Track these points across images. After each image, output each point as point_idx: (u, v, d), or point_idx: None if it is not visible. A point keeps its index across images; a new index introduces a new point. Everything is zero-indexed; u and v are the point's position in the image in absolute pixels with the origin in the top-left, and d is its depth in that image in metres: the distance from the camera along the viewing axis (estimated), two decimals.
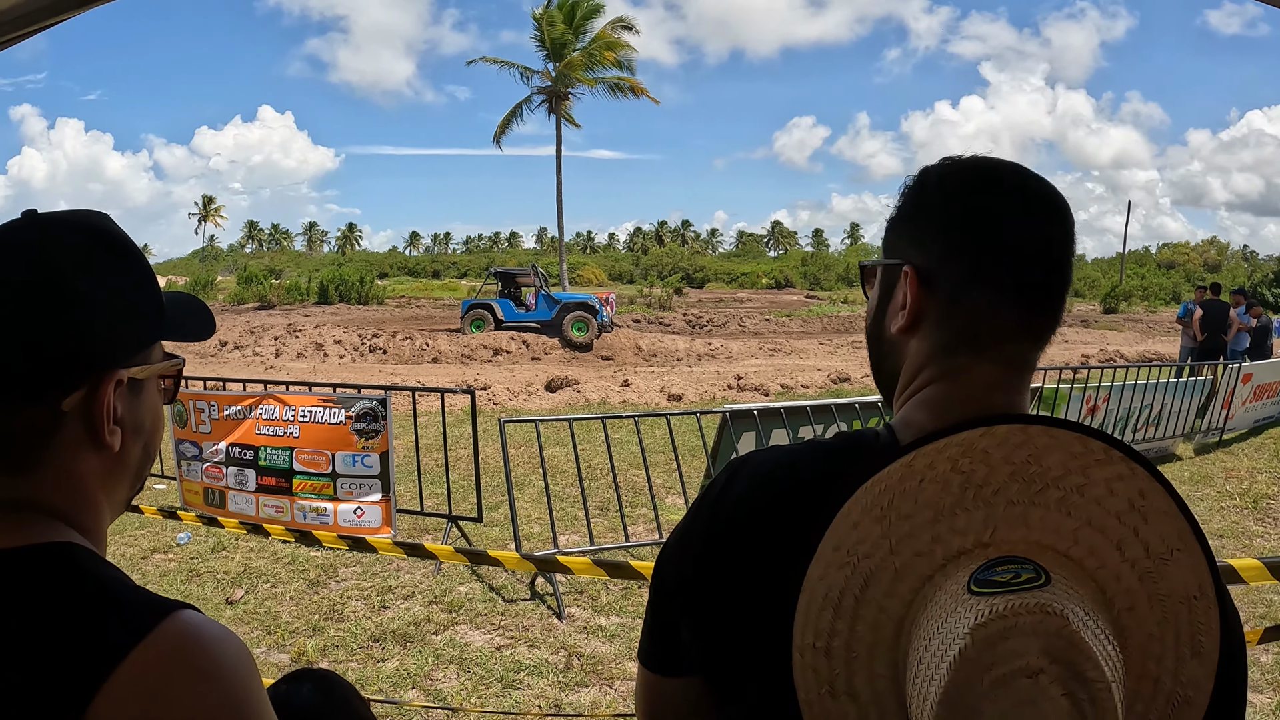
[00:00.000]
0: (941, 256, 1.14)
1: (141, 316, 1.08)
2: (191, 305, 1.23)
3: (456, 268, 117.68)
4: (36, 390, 0.99)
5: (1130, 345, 31.36)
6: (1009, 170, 1.18)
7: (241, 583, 6.98)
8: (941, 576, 0.93)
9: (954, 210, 1.15)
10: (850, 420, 8.19)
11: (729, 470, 1.21)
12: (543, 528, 7.94)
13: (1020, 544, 0.92)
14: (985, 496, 0.94)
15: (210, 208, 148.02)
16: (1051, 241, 1.14)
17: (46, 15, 2.11)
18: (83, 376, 1.01)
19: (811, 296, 74.05)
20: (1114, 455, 0.93)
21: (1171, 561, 0.91)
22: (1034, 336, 1.14)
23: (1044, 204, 1.15)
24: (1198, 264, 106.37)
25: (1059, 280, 1.14)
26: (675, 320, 39.27)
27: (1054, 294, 1.14)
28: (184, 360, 1.18)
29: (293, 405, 7.74)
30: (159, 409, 1.14)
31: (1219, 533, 8.67)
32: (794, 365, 23.27)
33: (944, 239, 1.15)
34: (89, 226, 1.07)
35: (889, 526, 0.96)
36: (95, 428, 1.02)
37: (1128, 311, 57.82)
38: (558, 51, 49.30)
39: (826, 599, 0.97)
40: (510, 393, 16.29)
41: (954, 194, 1.17)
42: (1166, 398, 11.78)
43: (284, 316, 41.98)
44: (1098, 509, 0.92)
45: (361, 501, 7.56)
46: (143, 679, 0.88)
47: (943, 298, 1.14)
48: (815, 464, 1.15)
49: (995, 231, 1.13)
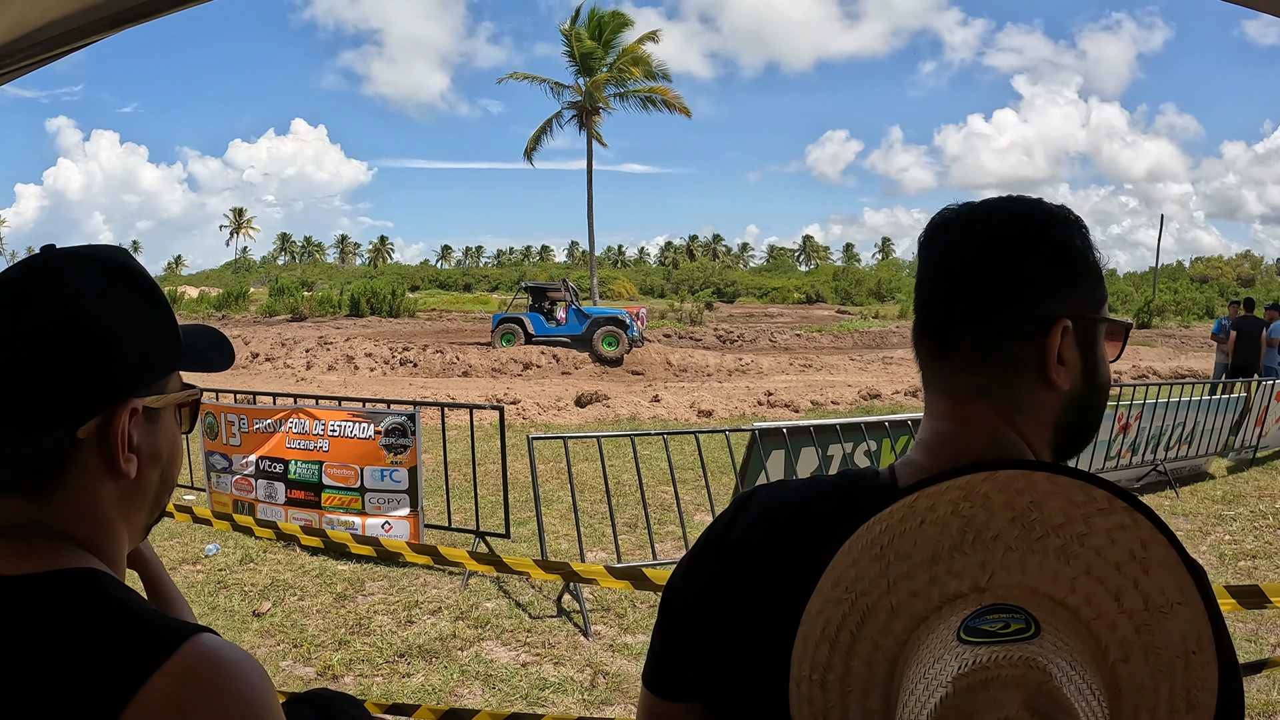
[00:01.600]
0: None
1: (157, 347, 1.11)
2: (210, 337, 1.26)
3: (488, 281, 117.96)
4: (53, 417, 1.01)
5: (1163, 361, 31.01)
6: (956, 208, 1.21)
7: (269, 595, 7.03)
8: (936, 619, 0.94)
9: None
10: (880, 439, 8.15)
11: (737, 503, 1.27)
12: (570, 544, 7.96)
13: (1016, 590, 0.92)
14: (984, 541, 0.94)
15: (242, 220, 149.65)
16: (952, 263, 1.17)
17: (78, 37, 2.16)
18: (99, 405, 1.03)
19: (842, 311, 73.76)
20: (1117, 505, 0.93)
21: (1171, 614, 0.91)
22: (956, 363, 1.16)
23: (962, 230, 1.18)
24: (1231, 278, 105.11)
25: (954, 297, 1.16)
26: (706, 335, 39.23)
27: (952, 316, 1.16)
28: (201, 391, 1.20)
29: (322, 420, 7.81)
30: (177, 438, 1.16)
31: (1251, 553, 8.55)
32: (824, 381, 23.19)
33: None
34: (106, 261, 1.09)
35: (887, 565, 0.97)
36: (111, 455, 1.04)
37: (1161, 327, 57.28)
38: (587, 66, 49.48)
39: (824, 633, 0.98)
40: (540, 407, 16.33)
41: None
42: (1199, 415, 11.64)
43: (315, 329, 42.29)
44: (1097, 558, 0.92)
45: (389, 516, 7.61)
46: (164, 703, 0.90)
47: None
48: (819, 500, 1.19)
49: (919, 271, 1.21)
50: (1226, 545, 8.76)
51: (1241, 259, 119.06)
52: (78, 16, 2.09)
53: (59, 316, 1.02)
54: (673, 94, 50.44)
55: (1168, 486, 10.91)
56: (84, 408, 1.02)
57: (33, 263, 1.07)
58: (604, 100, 49.93)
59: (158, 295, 1.13)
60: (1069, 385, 1.13)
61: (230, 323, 49.43)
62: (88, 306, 1.04)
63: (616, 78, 49.53)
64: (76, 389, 1.02)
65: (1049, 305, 1.12)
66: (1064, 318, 1.12)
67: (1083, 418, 1.18)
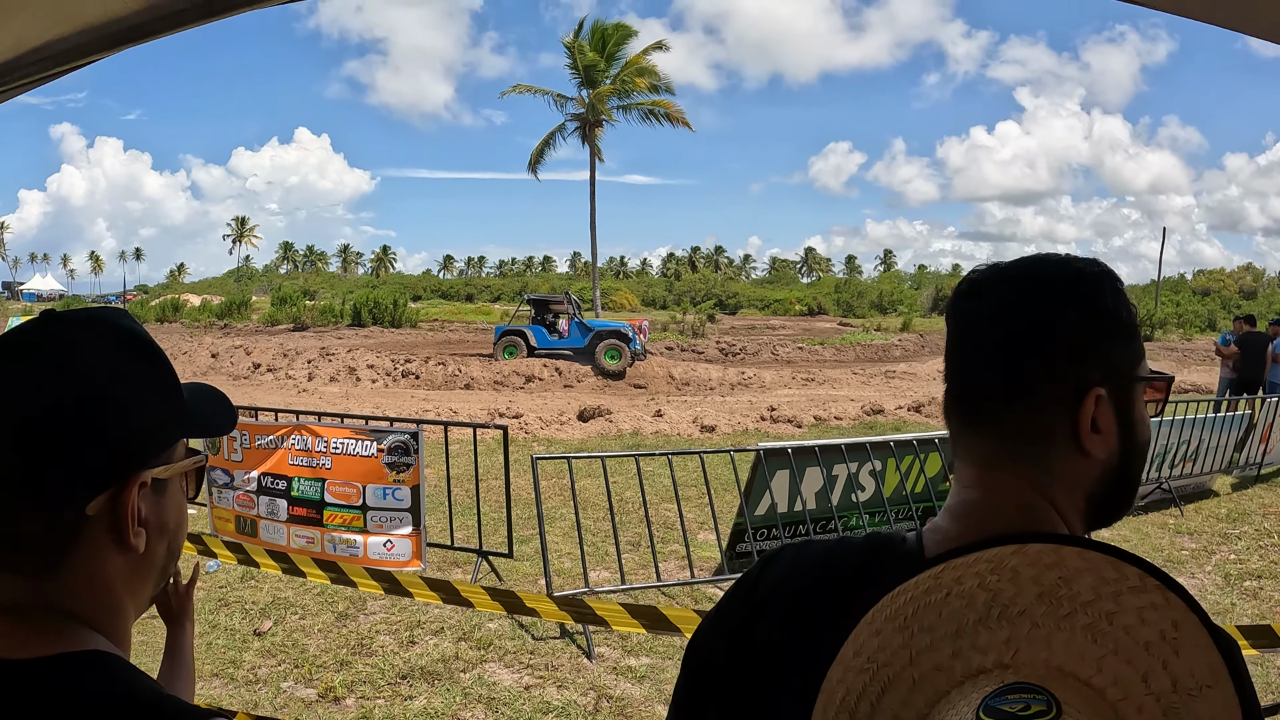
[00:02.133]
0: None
1: (165, 416, 1.09)
2: (212, 398, 1.24)
3: (490, 291, 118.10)
4: (62, 494, 0.99)
5: None
6: (982, 270, 1.19)
7: (270, 613, 7.00)
8: (957, 694, 0.92)
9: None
10: (885, 458, 8.14)
11: (764, 561, 1.27)
12: (574, 563, 7.92)
13: (1041, 668, 0.90)
14: (1010, 616, 0.92)
15: (244, 228, 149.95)
16: (979, 330, 1.16)
17: (77, 56, 2.15)
18: (108, 480, 1.01)
19: (844, 324, 73.72)
20: (1149, 583, 0.91)
21: (1200, 698, 0.89)
22: (985, 433, 1.15)
23: (988, 295, 1.16)
24: (1233, 290, 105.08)
25: (982, 367, 1.15)
26: (708, 348, 39.16)
27: (980, 387, 1.15)
28: (206, 456, 1.18)
29: (324, 437, 7.79)
30: (183, 506, 1.14)
31: (1257, 573, 8.52)
32: (827, 395, 23.16)
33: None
34: (109, 327, 1.07)
35: (910, 637, 0.95)
36: (120, 530, 1.02)
37: (1163, 340, 57.25)
38: (590, 79, 49.55)
39: (844, 702, 0.96)
40: (542, 421, 16.30)
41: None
42: (1204, 433, 11.61)
43: (317, 339, 42.29)
44: (1126, 638, 0.90)
45: (392, 534, 7.58)
46: None
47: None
48: (845, 564, 1.17)
49: (948, 336, 1.20)
50: (1232, 565, 8.73)
51: (1244, 271, 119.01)
52: (78, 36, 2.09)
53: (65, 390, 0.99)
54: (675, 108, 50.49)
55: (1172, 504, 10.87)
56: (93, 484, 1.00)
57: (33, 332, 1.04)
58: (607, 113, 49.98)
59: (160, 359, 1.10)
60: (1104, 454, 1.10)
61: (232, 332, 49.36)
62: (94, 377, 1.01)
63: (620, 90, 49.57)
64: (86, 465, 0.99)
65: (1082, 373, 1.09)
66: (1098, 385, 1.09)
67: (1119, 484, 1.14)
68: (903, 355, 40.55)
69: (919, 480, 8.44)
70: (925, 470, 8.42)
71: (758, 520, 7.72)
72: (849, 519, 8.14)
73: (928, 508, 8.56)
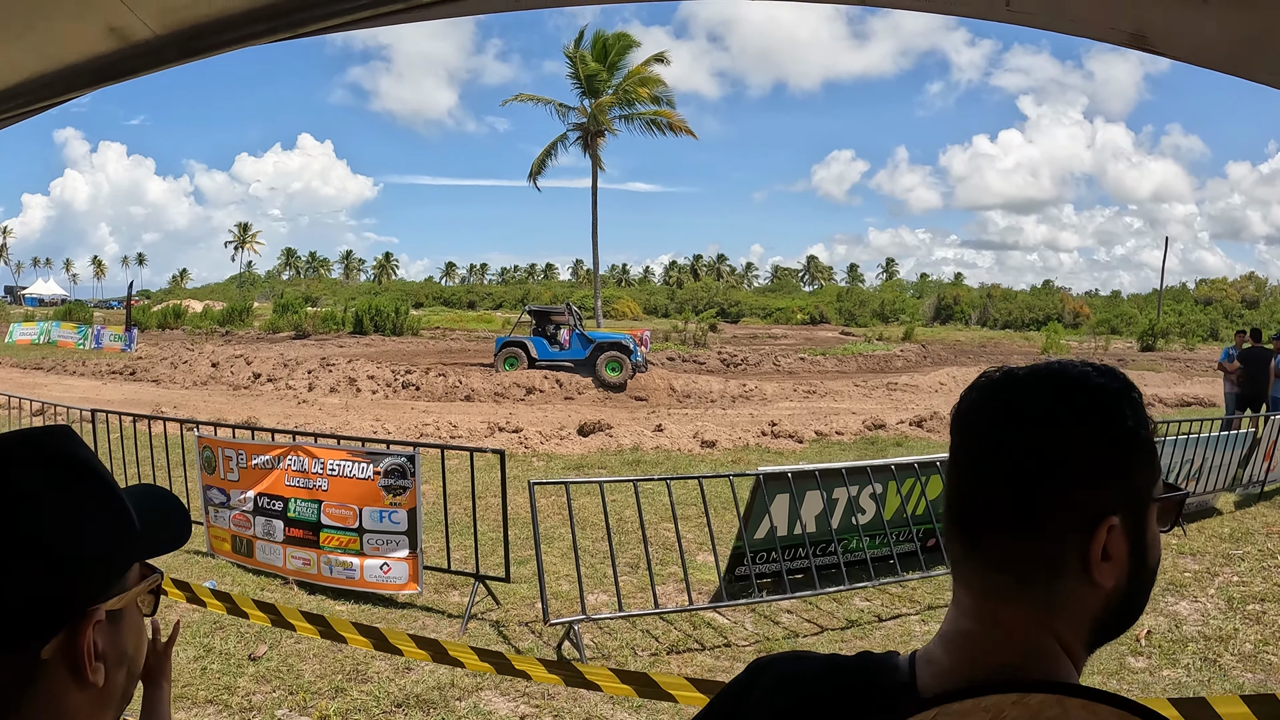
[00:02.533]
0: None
1: (114, 543, 1.03)
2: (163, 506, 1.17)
3: (491, 299, 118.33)
4: (13, 641, 0.94)
5: (1169, 387, 30.94)
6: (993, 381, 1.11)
7: (265, 638, 6.93)
8: None
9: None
10: (886, 481, 8.08)
11: (751, 672, 1.22)
12: (571, 585, 7.86)
13: None
14: None
15: (247, 235, 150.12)
16: (986, 450, 1.07)
17: (60, 91, 2.18)
18: (60, 622, 0.96)
19: (846, 333, 73.76)
20: None
21: None
22: (986, 561, 1.07)
23: (997, 410, 1.08)
24: (1235, 300, 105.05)
25: (987, 491, 1.06)
26: (710, 358, 39.09)
27: (984, 512, 1.06)
28: (162, 574, 1.12)
29: (321, 458, 7.73)
30: (140, 629, 1.08)
31: (1260, 595, 8.43)
32: (828, 408, 23.10)
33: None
34: (50, 454, 1.01)
35: None
36: (78, 669, 0.97)
37: (1165, 349, 57.26)
38: (592, 88, 49.54)
39: None
40: (542, 436, 16.23)
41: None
42: (1208, 452, 11.54)
43: (318, 347, 42.28)
44: None
45: (388, 557, 7.52)
46: None
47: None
48: (834, 690, 1.11)
49: (952, 450, 1.12)
50: (1235, 588, 8.64)
51: (1246, 280, 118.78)
52: (58, 74, 2.12)
53: (9, 531, 0.94)
54: (678, 117, 50.49)
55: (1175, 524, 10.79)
56: (46, 627, 0.95)
57: None
58: (608, 124, 49.97)
59: (105, 481, 1.04)
60: (1114, 581, 1.03)
61: (233, 339, 49.37)
62: (39, 514, 0.96)
63: (622, 99, 49.55)
64: (37, 609, 0.94)
65: (1096, 500, 1.02)
66: (1113, 513, 1.02)
67: (1126, 608, 1.07)
68: (905, 366, 40.50)
69: (920, 503, 8.38)
70: (926, 493, 8.37)
71: (756, 544, 7.66)
72: (849, 541, 8.08)
73: (928, 529, 8.51)
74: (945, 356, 46.93)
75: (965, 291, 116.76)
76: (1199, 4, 1.45)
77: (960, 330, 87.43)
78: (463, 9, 1.92)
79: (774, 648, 6.90)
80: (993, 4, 1.65)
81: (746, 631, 7.26)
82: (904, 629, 7.38)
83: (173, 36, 2.01)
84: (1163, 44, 1.64)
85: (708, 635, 7.15)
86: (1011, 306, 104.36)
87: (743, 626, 7.36)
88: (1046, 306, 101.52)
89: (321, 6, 1.96)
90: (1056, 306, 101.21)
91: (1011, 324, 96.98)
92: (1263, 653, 7.00)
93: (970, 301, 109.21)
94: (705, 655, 6.76)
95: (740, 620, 7.48)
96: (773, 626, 7.36)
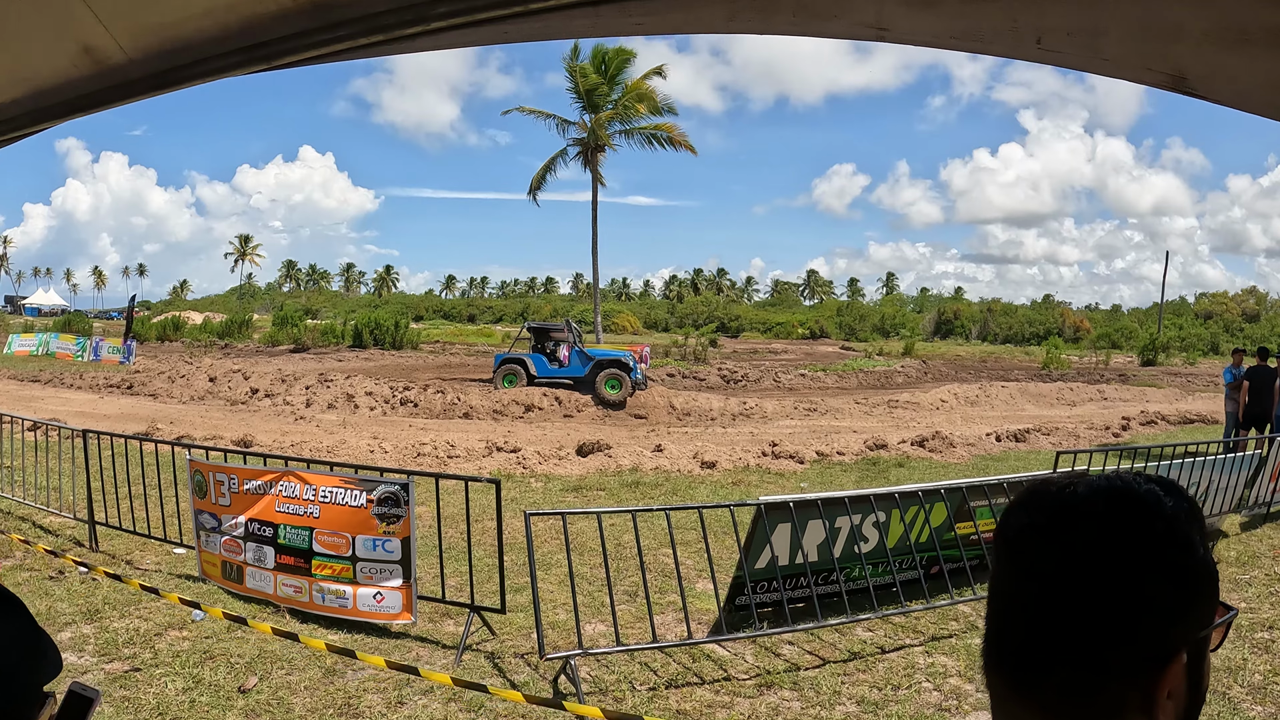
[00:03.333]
0: None
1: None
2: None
3: (492, 312, 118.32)
4: None
5: (1170, 404, 30.80)
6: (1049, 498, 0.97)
7: (255, 668, 6.77)
8: None
9: None
10: (889, 509, 7.94)
11: None
12: (567, 614, 7.69)
13: None
14: None
15: (247, 246, 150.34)
16: (1045, 581, 0.94)
17: (30, 122, 2.19)
18: None
19: (846, 348, 73.76)
20: None
21: None
22: (1038, 701, 0.94)
23: (1058, 535, 0.94)
24: (1236, 314, 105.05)
25: (1045, 626, 0.93)
26: (710, 375, 38.95)
27: (1040, 649, 0.93)
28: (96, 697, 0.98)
29: (313, 484, 7.58)
30: None
31: (1269, 623, 8.26)
32: (829, 427, 22.95)
33: None
34: None
35: None
36: None
37: (1166, 364, 57.20)
38: (592, 102, 49.54)
39: None
40: (540, 456, 16.07)
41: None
42: (1214, 474, 11.39)
43: (317, 361, 42.19)
44: None
45: (381, 586, 7.36)
46: None
47: None
48: None
49: (997, 575, 1.01)
50: (1242, 615, 8.47)
51: (1247, 294, 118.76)
52: (32, 99, 2.12)
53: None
54: (678, 131, 50.49)
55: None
56: None
57: None
58: (606, 139, 49.96)
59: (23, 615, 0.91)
60: (1172, 718, 0.91)
61: (232, 352, 49.27)
62: None
63: (622, 114, 49.55)
64: None
65: (1168, 638, 0.90)
66: (1181, 650, 0.90)
67: None
68: (905, 382, 40.40)
69: (924, 530, 8.23)
70: (930, 520, 8.22)
71: (757, 573, 7.51)
72: (851, 570, 7.93)
73: (931, 557, 8.36)
74: (946, 372, 46.86)
75: (965, 306, 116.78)
76: (1240, 45, 1.39)
77: (961, 345, 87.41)
78: (445, 41, 1.83)
79: (775, 681, 6.76)
80: (1023, 43, 1.57)
81: (747, 664, 7.10)
82: (908, 660, 7.22)
83: (146, 60, 1.96)
84: (1202, 87, 1.56)
85: (707, 668, 6.99)
86: (1011, 321, 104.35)
87: (743, 659, 7.20)
88: (1046, 321, 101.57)
89: (298, 38, 1.89)
90: (1056, 321, 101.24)
91: (1012, 338, 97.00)
92: (1272, 684, 6.84)
93: (970, 316, 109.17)
94: (705, 690, 6.61)
95: (740, 652, 7.32)
96: (774, 659, 7.20)
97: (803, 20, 1.65)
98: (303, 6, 1.80)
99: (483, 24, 1.77)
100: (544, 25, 1.78)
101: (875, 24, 1.64)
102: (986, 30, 1.58)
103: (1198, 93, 1.57)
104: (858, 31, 1.68)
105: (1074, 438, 20.88)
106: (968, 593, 8.37)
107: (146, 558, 9.53)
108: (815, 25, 1.68)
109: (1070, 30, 1.54)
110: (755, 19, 1.66)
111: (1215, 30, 1.42)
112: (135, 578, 8.48)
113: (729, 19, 1.67)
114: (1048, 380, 41.50)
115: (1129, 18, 1.47)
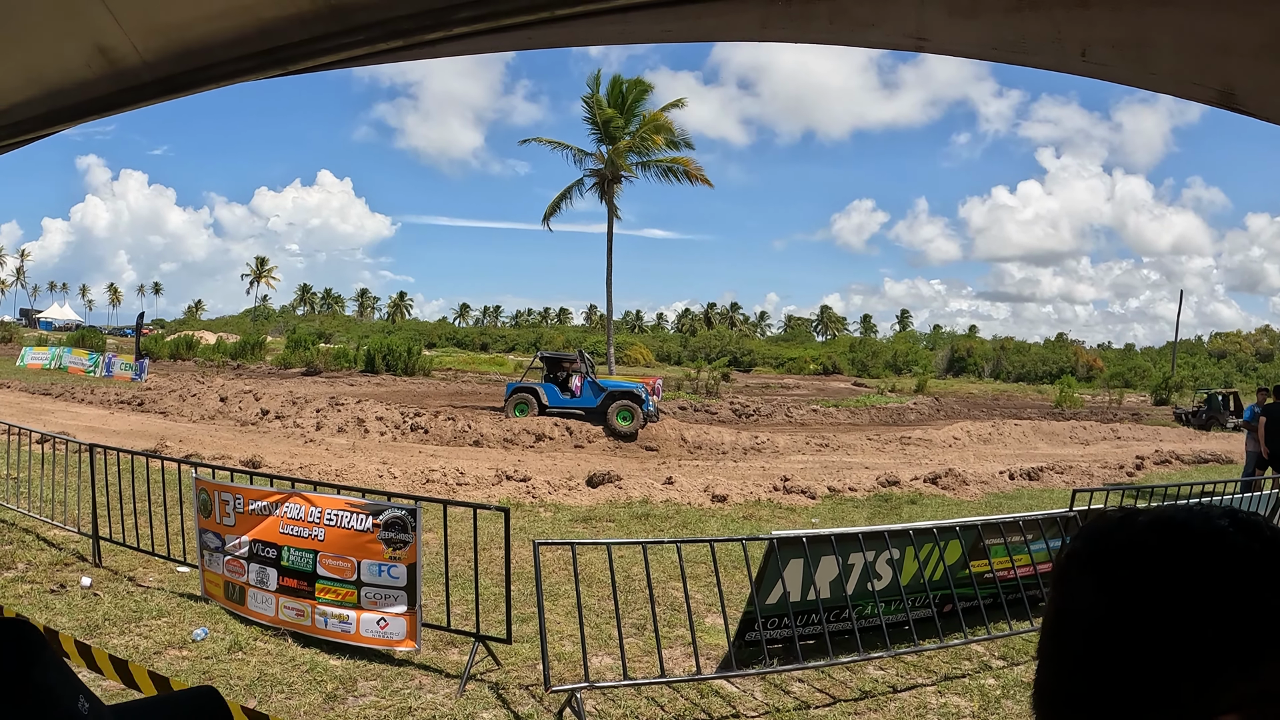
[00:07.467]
0: None
1: None
2: None
3: (505, 341, 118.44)
4: None
5: (1185, 443, 30.59)
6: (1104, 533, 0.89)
7: (255, 691, 6.67)
8: None
9: None
10: (904, 547, 7.82)
11: None
12: (575, 645, 7.57)
13: None
14: None
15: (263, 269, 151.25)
16: (1053, 633, 0.89)
17: (40, 125, 2.23)
18: None
19: (859, 384, 73.60)
20: None
21: None
22: None
23: (1122, 585, 0.84)
24: (1249, 353, 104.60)
25: (1118, 671, 0.82)
26: (722, 408, 38.79)
27: (1110, 697, 0.82)
28: None
29: (319, 506, 7.50)
30: None
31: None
32: (841, 463, 22.80)
33: None
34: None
35: None
36: None
37: (1179, 404, 56.87)
38: (609, 134, 49.74)
39: None
40: (550, 486, 15.96)
41: None
42: None
43: (329, 385, 42.19)
44: None
45: (386, 612, 7.26)
46: None
47: None
48: None
49: (1054, 611, 0.92)
50: None
51: (1260, 334, 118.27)
52: (45, 101, 2.14)
53: None
54: (694, 165, 50.64)
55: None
56: None
57: None
58: (627, 168, 50.12)
59: None
60: None
61: (244, 373, 49.38)
62: None
63: (639, 145, 49.73)
64: None
65: (1217, 699, 0.79)
66: (1230, 713, 0.79)
67: None
68: (918, 419, 40.22)
69: (938, 568, 8.11)
70: (945, 558, 8.09)
71: (769, 609, 7.38)
72: (864, 608, 7.80)
73: (945, 595, 8.23)
74: (958, 410, 46.64)
75: (978, 344, 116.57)
76: None
77: (973, 383, 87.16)
78: (467, 48, 1.78)
79: (784, 719, 6.62)
80: (1067, 55, 1.52)
81: (756, 701, 6.97)
82: (920, 700, 7.08)
83: (160, 62, 1.95)
84: (1251, 104, 1.52)
85: (715, 704, 6.86)
86: (1024, 359, 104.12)
87: (752, 695, 7.07)
88: (1059, 359, 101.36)
89: (315, 42, 1.84)
90: (1069, 359, 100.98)
91: (1024, 376, 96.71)
92: None
93: (983, 354, 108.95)
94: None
95: (750, 689, 7.19)
96: (783, 696, 7.07)
97: (839, 28, 1.59)
98: (320, 10, 1.76)
99: (506, 30, 1.72)
100: (570, 32, 1.73)
101: (915, 33, 1.58)
102: (1029, 41, 1.52)
103: (1246, 109, 1.52)
104: (896, 41, 1.62)
105: (1088, 476, 20.70)
106: (981, 632, 8.24)
107: (150, 574, 9.45)
108: (852, 34, 1.62)
109: (1116, 42, 1.48)
110: (790, 26, 1.60)
111: (1268, 44, 1.37)
112: (137, 594, 8.41)
113: (763, 26, 1.61)
114: (1060, 418, 41.34)
115: (1178, 30, 1.41)
